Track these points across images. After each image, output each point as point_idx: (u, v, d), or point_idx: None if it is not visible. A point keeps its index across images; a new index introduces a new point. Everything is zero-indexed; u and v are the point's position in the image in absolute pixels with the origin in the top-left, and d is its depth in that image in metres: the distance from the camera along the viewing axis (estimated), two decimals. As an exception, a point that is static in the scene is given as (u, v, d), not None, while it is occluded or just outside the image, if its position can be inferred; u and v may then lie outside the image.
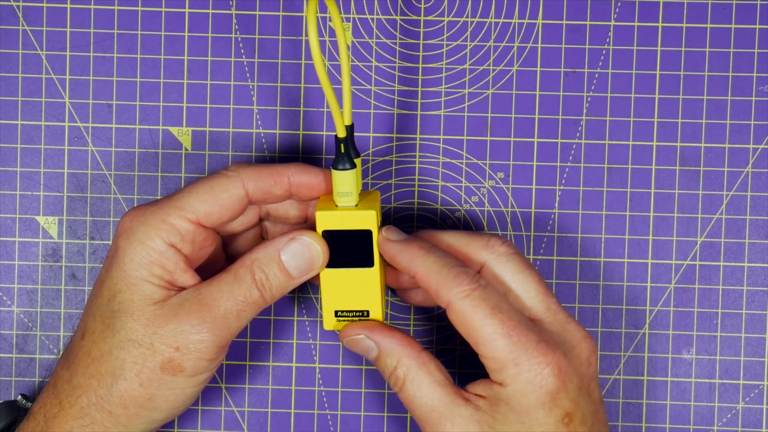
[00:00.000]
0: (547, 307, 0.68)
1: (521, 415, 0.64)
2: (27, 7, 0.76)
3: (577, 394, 0.65)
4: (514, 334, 0.64)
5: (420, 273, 0.66)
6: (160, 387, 0.66)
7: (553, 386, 0.64)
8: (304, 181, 0.68)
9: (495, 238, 0.69)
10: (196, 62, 0.76)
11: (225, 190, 0.67)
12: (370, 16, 0.76)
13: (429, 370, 0.66)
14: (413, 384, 0.66)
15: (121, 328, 0.65)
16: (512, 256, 0.68)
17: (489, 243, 0.68)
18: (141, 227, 0.66)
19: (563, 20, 0.76)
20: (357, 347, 0.69)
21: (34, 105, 0.76)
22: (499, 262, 0.68)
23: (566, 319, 0.67)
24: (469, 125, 0.76)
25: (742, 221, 0.76)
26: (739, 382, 0.76)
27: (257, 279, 0.66)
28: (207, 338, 0.65)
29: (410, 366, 0.67)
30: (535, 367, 0.64)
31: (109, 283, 0.66)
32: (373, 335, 0.68)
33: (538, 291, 0.68)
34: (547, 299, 0.68)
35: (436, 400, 0.66)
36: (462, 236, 0.69)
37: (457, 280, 0.65)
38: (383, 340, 0.68)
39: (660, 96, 0.76)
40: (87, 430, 0.65)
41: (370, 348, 0.68)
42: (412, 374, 0.66)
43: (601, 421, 0.67)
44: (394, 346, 0.67)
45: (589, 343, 0.67)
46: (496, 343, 0.64)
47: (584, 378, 0.66)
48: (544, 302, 0.68)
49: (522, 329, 0.64)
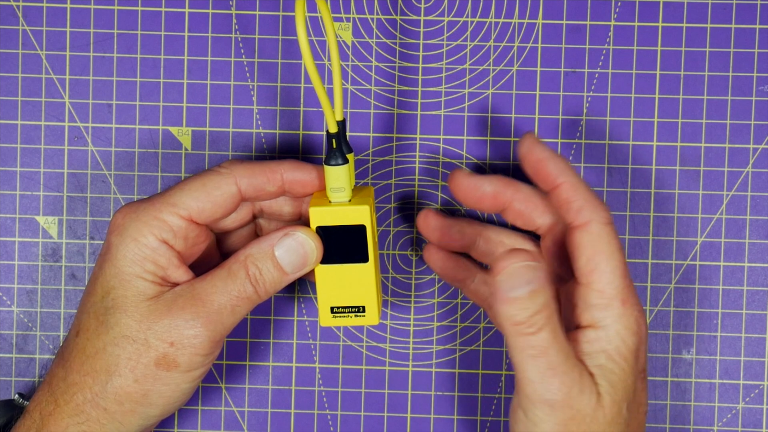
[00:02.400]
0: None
1: (619, 361, 0.64)
2: (27, 7, 0.76)
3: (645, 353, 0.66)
4: (627, 279, 0.65)
5: (567, 183, 0.66)
6: (155, 383, 0.66)
7: (642, 337, 0.65)
8: (297, 177, 0.68)
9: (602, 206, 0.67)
10: (196, 62, 0.76)
11: (217, 187, 0.67)
12: (370, 16, 0.76)
13: None
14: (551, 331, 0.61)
15: (115, 325, 0.65)
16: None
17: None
18: (133, 224, 0.66)
19: (563, 20, 0.76)
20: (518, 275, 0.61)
21: (34, 105, 0.77)
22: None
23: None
24: (469, 125, 0.76)
25: (742, 221, 0.76)
26: (739, 382, 0.76)
27: (251, 274, 0.66)
28: (201, 333, 0.65)
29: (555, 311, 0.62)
30: (636, 314, 0.65)
31: (102, 280, 0.66)
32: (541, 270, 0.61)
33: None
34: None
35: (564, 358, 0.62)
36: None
37: (602, 205, 0.66)
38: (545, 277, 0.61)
39: (660, 96, 0.76)
40: (83, 427, 0.66)
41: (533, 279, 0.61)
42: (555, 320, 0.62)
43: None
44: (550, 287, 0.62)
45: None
46: (614, 278, 0.64)
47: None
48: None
49: (630, 278, 0.65)
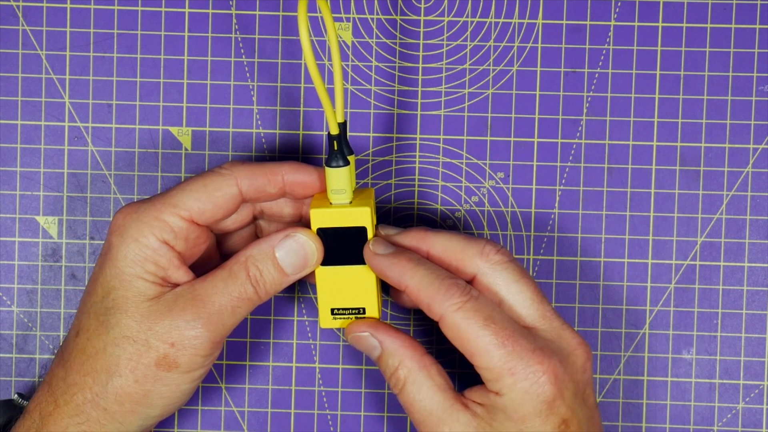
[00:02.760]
0: (542, 315, 0.67)
1: (518, 423, 0.64)
2: (27, 7, 0.76)
3: (573, 400, 0.65)
4: (508, 344, 0.64)
5: (411, 287, 0.66)
6: (155, 383, 0.66)
7: (549, 394, 0.64)
8: (298, 179, 0.68)
9: (490, 245, 0.68)
10: (196, 62, 0.76)
11: (218, 188, 0.67)
12: (370, 16, 0.76)
13: (430, 374, 0.66)
14: (413, 386, 0.66)
15: (115, 325, 0.65)
16: (507, 264, 0.68)
17: (484, 251, 0.68)
18: (134, 224, 0.66)
19: (563, 20, 0.76)
20: (361, 344, 0.68)
21: (34, 105, 0.76)
22: (494, 271, 0.68)
23: (561, 326, 0.67)
24: (469, 125, 0.76)
25: (742, 221, 0.76)
26: (739, 382, 0.76)
27: (251, 275, 0.66)
28: (202, 334, 0.65)
29: (411, 368, 0.66)
30: (531, 376, 0.64)
31: (102, 281, 0.66)
32: (378, 334, 0.68)
33: (533, 299, 0.67)
34: (542, 307, 0.67)
35: (435, 404, 0.66)
36: (456, 241, 0.68)
37: (449, 292, 0.65)
38: (387, 340, 0.67)
39: (660, 96, 0.76)
40: (83, 427, 0.66)
41: (374, 347, 0.68)
42: (413, 377, 0.66)
43: (596, 427, 0.67)
44: (397, 346, 0.67)
45: (584, 350, 0.67)
46: (490, 353, 0.64)
47: (580, 384, 0.66)
48: (539, 310, 0.67)
49: (516, 338, 0.64)
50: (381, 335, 0.68)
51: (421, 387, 0.66)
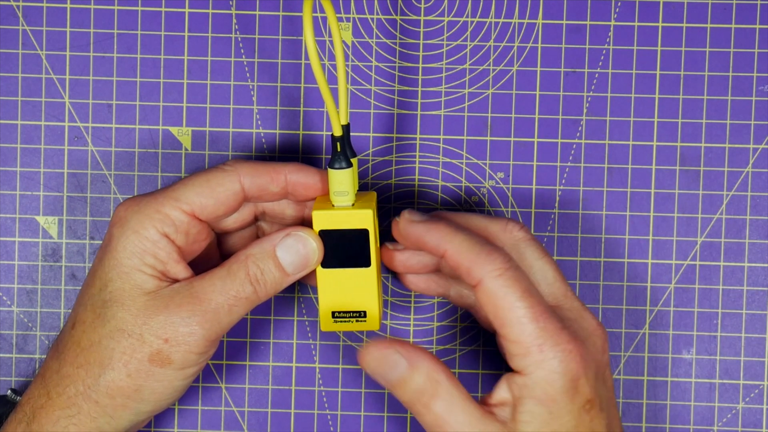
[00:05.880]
0: (564, 294, 0.68)
1: (547, 403, 0.63)
2: (27, 7, 0.76)
3: (595, 381, 0.65)
4: (541, 320, 0.63)
5: (450, 251, 0.65)
6: (147, 379, 0.65)
7: (575, 373, 0.64)
8: (300, 180, 0.68)
9: (513, 222, 0.69)
10: (196, 62, 0.76)
11: (221, 184, 0.67)
12: (370, 16, 0.76)
13: (458, 387, 0.65)
14: (444, 402, 0.64)
15: (111, 318, 0.65)
16: (530, 242, 0.68)
17: (507, 227, 0.68)
18: (135, 216, 0.66)
19: (563, 20, 0.76)
20: (382, 364, 0.65)
21: (34, 105, 0.76)
22: (517, 248, 0.68)
23: (581, 307, 0.68)
24: (469, 125, 0.76)
25: (742, 221, 0.76)
26: (739, 382, 0.76)
27: (251, 274, 0.66)
28: (197, 331, 0.65)
29: (442, 382, 0.65)
30: (560, 354, 0.63)
31: (101, 273, 0.66)
32: (402, 350, 0.65)
33: (556, 278, 0.68)
34: (564, 286, 0.68)
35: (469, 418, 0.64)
36: (480, 219, 0.69)
37: (491, 257, 0.64)
38: (413, 355, 0.65)
39: (660, 96, 0.76)
40: (74, 420, 0.65)
41: (397, 363, 0.65)
42: (444, 391, 0.65)
43: (615, 407, 0.67)
44: (423, 360, 0.65)
45: (602, 332, 0.67)
46: (523, 326, 0.63)
47: (600, 365, 0.66)
48: (561, 289, 0.68)
49: (548, 315, 0.64)
50: (404, 351, 0.65)
51: (452, 401, 0.65)
